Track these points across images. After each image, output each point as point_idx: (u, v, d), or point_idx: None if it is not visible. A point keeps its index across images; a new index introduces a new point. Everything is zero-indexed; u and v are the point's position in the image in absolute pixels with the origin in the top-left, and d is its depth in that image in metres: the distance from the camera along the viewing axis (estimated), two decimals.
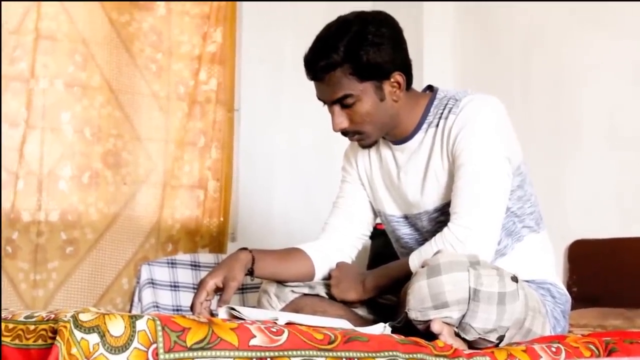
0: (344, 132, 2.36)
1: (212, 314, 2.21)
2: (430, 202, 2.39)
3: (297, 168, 4.75)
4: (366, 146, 2.43)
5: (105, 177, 4.10)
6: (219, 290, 2.28)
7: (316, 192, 4.60)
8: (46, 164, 3.93)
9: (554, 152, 4.30)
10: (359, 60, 2.23)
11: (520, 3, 4.53)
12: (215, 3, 4.43)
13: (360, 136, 2.36)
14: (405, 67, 2.33)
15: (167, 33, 4.31)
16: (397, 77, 2.30)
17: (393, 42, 2.29)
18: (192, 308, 2.24)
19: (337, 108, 2.30)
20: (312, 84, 2.34)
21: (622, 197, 4.10)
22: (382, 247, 3.92)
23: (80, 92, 4.05)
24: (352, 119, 2.31)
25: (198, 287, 2.26)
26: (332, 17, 2.37)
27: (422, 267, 2.10)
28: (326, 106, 2.35)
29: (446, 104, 2.35)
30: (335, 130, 2.34)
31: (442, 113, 2.35)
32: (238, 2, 4.57)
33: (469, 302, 2.03)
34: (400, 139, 2.41)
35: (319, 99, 2.35)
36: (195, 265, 3.98)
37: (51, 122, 3.96)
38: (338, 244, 2.54)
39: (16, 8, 3.85)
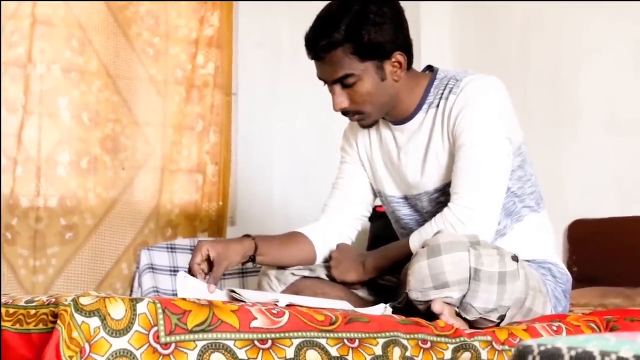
0: (345, 112, 2.35)
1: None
2: (430, 182, 2.38)
3: (296, 151, 4.75)
4: (366, 126, 2.42)
5: (104, 163, 4.09)
6: (209, 262, 2.27)
7: (315, 176, 4.59)
8: (44, 150, 3.92)
9: (553, 135, 4.30)
10: (360, 39, 2.22)
11: None
12: None
13: (360, 116, 2.35)
14: (407, 47, 2.32)
15: (164, 17, 4.29)
16: (399, 57, 2.29)
17: (395, 21, 2.28)
18: (190, 271, 2.24)
19: (337, 88, 2.29)
20: (310, 66, 2.34)
21: (621, 179, 4.10)
22: (382, 230, 3.92)
23: (77, 77, 4.04)
24: (353, 99, 2.29)
25: (194, 249, 2.27)
26: (328, 1, 2.36)
27: (423, 247, 2.10)
28: (326, 86, 2.34)
29: (447, 84, 2.34)
30: (335, 110, 2.33)
31: (442, 93, 2.34)
32: None
33: (469, 282, 2.03)
34: (401, 120, 2.41)
35: (320, 78, 2.34)
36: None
37: (49, 107, 3.95)
38: (338, 226, 2.54)
39: None
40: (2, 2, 3.76)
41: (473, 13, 4.81)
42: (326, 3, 2.34)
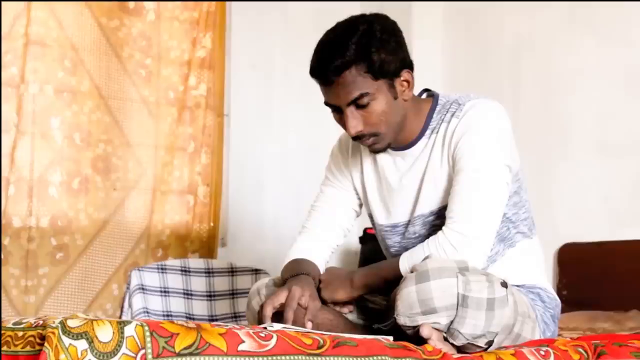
0: (359, 137, 2.29)
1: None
2: (426, 205, 2.37)
3: (287, 173, 4.76)
4: (378, 150, 2.36)
5: (95, 183, 4.10)
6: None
7: (306, 196, 4.55)
8: (36, 170, 3.93)
9: (543, 157, 4.31)
10: (371, 57, 2.19)
11: (510, 4, 4.54)
12: (204, 8, 4.43)
13: (375, 138, 2.30)
14: (412, 66, 2.31)
15: (156, 38, 4.31)
16: (406, 75, 2.28)
17: (398, 40, 2.27)
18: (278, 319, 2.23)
19: (351, 111, 2.24)
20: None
21: (611, 201, 4.10)
22: (373, 252, 3.92)
23: (69, 97, 4.05)
24: (368, 120, 2.25)
25: (289, 298, 2.25)
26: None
27: (411, 272, 2.10)
28: (333, 113, 2.29)
29: (449, 109, 2.33)
30: (351, 134, 2.27)
31: (444, 117, 2.33)
32: (228, 5, 4.56)
33: (457, 308, 2.03)
34: (403, 146, 2.39)
35: (330, 104, 2.28)
36: (185, 271, 3.97)
37: (41, 127, 3.95)
38: (314, 253, 2.52)
39: (7, 13, 3.84)
40: None
41: (464, 35, 4.84)
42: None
